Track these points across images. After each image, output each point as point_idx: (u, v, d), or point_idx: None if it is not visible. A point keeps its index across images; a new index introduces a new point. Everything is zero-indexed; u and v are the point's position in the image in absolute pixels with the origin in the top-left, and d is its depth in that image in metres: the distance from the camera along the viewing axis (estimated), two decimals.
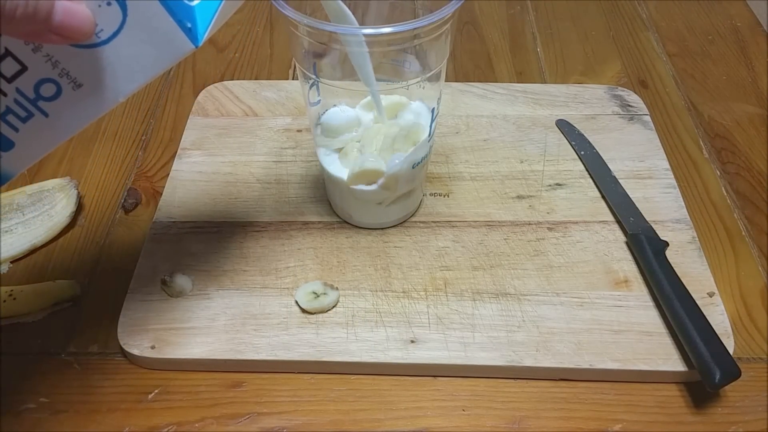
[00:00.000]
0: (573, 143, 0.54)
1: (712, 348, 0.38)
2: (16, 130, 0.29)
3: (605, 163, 0.53)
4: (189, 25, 0.28)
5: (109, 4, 0.27)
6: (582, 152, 0.53)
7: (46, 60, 0.28)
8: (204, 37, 0.29)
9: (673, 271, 0.43)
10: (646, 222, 0.47)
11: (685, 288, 0.42)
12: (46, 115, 0.29)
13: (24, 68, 0.27)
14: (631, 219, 0.48)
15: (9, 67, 0.27)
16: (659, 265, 0.43)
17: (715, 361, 0.38)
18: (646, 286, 0.44)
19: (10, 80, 0.28)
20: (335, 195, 0.48)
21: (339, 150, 0.45)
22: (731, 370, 0.38)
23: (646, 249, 0.44)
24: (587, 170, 0.52)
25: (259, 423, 0.39)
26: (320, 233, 0.48)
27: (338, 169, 0.44)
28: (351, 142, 0.44)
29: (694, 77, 0.63)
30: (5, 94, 0.28)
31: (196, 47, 0.29)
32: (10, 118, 0.28)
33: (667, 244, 0.45)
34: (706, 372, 0.38)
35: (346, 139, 0.44)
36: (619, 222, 0.48)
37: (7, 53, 0.27)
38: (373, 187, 0.43)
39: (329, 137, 0.44)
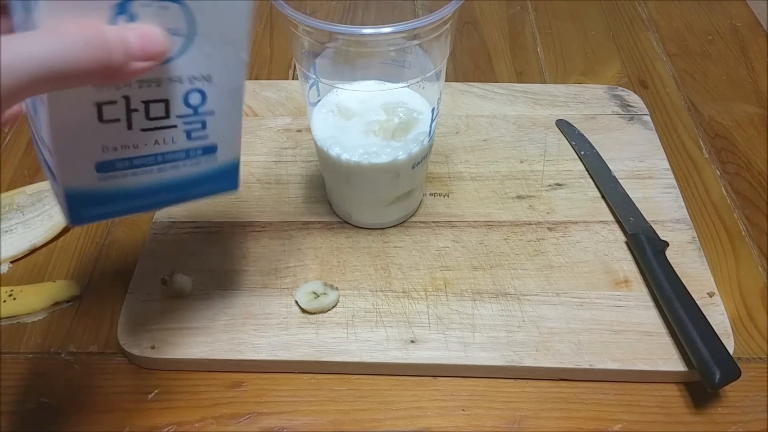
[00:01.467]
0: (573, 143, 0.54)
1: (712, 348, 0.38)
2: (207, 137, 0.32)
3: (605, 163, 0.53)
4: None
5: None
6: (582, 152, 0.53)
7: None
8: None
9: (673, 271, 0.43)
10: (646, 222, 0.47)
11: (685, 288, 0.42)
12: (212, 112, 0.31)
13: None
14: (631, 219, 0.48)
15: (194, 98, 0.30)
16: (659, 265, 0.43)
17: (715, 361, 0.38)
18: (646, 286, 0.44)
19: (195, 109, 0.31)
20: (335, 194, 0.48)
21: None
22: (731, 370, 0.38)
23: (646, 249, 0.44)
24: (587, 170, 0.52)
25: (259, 423, 0.39)
26: (320, 233, 0.48)
27: (345, 153, 0.43)
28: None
29: (694, 77, 0.63)
30: (175, 126, 0.30)
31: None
32: (195, 134, 0.31)
33: (667, 244, 0.45)
34: (706, 372, 0.38)
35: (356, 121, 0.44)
36: (619, 222, 0.48)
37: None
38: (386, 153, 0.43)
39: (346, 117, 0.44)
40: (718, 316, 0.42)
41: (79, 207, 0.30)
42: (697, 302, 0.41)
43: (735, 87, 0.62)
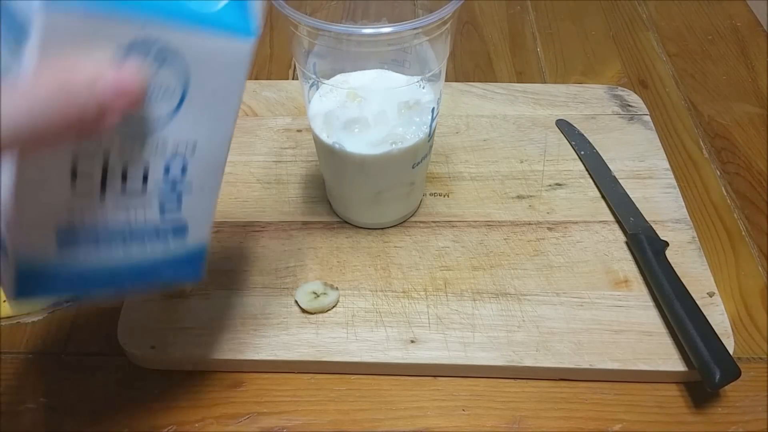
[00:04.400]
0: (573, 143, 0.54)
1: (712, 348, 0.38)
2: (180, 216, 0.30)
3: (605, 162, 0.52)
4: (231, 25, 0.27)
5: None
6: (582, 152, 0.53)
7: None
8: (253, 24, 0.27)
9: (673, 271, 0.43)
10: (646, 222, 0.47)
11: (685, 288, 0.42)
12: (189, 188, 0.29)
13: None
14: (631, 219, 0.48)
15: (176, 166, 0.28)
16: (659, 265, 0.43)
17: (715, 361, 0.38)
18: (646, 286, 0.44)
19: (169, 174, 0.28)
20: (335, 194, 0.48)
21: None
22: (731, 370, 0.38)
23: (646, 249, 0.44)
24: (587, 170, 0.52)
25: (259, 423, 0.39)
26: (320, 233, 0.48)
27: (354, 145, 0.42)
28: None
29: (694, 77, 0.63)
30: (150, 198, 0.28)
31: (255, 38, 0.27)
32: (168, 211, 0.29)
33: (667, 244, 0.45)
34: (706, 372, 0.38)
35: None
36: (619, 222, 0.48)
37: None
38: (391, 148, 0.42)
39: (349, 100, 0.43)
40: (718, 316, 0.42)
41: (28, 279, 0.26)
42: (697, 302, 0.41)
43: (735, 87, 0.62)
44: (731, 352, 0.39)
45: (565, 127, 0.56)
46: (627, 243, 0.47)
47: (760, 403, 0.40)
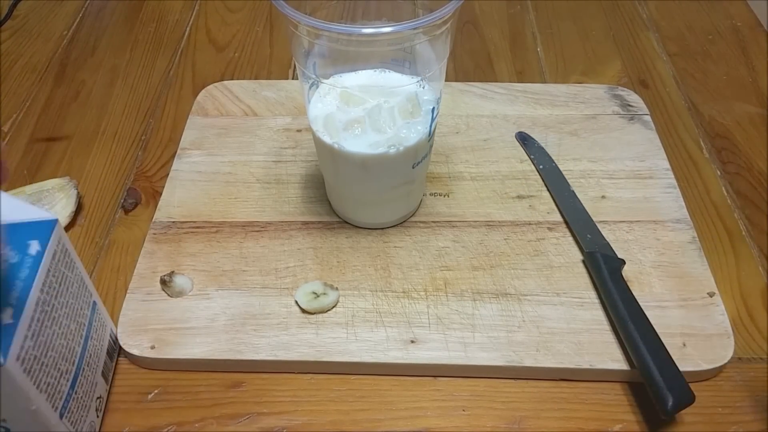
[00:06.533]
0: (532, 156, 0.53)
1: (666, 373, 0.37)
2: None
3: (565, 178, 0.51)
4: None
5: None
6: (541, 166, 0.52)
7: None
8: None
9: (629, 290, 0.42)
10: (604, 239, 0.46)
11: (641, 309, 0.41)
12: None
13: None
14: (588, 236, 0.46)
15: None
16: (614, 284, 0.42)
17: (668, 386, 0.37)
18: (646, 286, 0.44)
19: None
20: (335, 194, 0.48)
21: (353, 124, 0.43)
22: (685, 396, 0.37)
23: (602, 268, 0.43)
24: (545, 185, 0.51)
25: (259, 423, 0.39)
26: (320, 233, 0.48)
27: (354, 145, 0.42)
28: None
29: (695, 77, 0.63)
30: None
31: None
32: None
33: (623, 262, 0.44)
34: (660, 398, 0.37)
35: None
36: (575, 237, 0.47)
37: None
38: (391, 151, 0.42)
39: (348, 105, 0.43)
40: (719, 316, 0.42)
41: None
42: (698, 302, 0.41)
43: (735, 87, 0.62)
44: (732, 353, 0.38)
45: (524, 139, 0.54)
46: (583, 261, 0.46)
47: (760, 403, 0.40)
